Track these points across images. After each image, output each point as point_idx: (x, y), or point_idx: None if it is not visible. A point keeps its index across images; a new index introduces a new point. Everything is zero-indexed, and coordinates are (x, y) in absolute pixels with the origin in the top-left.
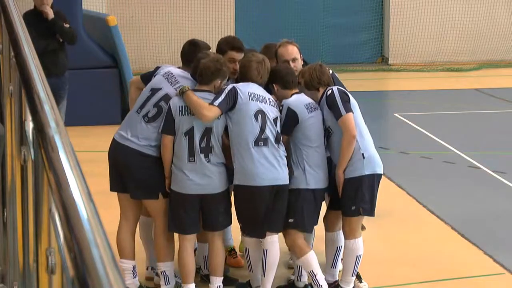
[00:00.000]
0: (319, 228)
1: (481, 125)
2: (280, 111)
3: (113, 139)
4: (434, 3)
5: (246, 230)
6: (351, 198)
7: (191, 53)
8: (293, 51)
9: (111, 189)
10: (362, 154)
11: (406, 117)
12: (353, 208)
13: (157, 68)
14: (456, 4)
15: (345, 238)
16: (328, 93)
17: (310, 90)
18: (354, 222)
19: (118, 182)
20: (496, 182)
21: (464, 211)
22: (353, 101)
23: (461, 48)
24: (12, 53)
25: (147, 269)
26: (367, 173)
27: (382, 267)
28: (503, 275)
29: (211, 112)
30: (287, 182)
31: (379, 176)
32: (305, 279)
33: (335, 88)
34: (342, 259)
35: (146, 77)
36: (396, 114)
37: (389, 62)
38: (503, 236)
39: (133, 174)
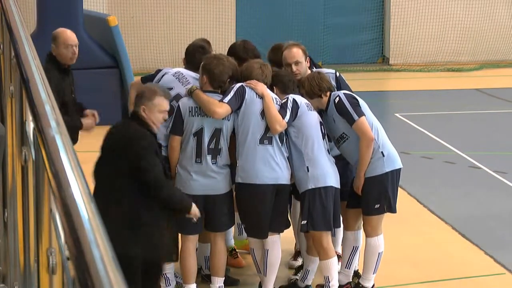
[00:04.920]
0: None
1: (481, 125)
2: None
3: None
4: (435, 3)
5: (248, 231)
6: (375, 197)
7: (196, 55)
8: (296, 55)
9: None
10: (382, 152)
11: (406, 117)
12: (377, 206)
13: (158, 71)
14: (456, 4)
15: (367, 236)
16: (336, 100)
17: (312, 98)
18: (376, 220)
19: None
20: (497, 182)
21: (465, 211)
22: (362, 102)
23: (461, 48)
24: (13, 53)
25: None
26: (387, 170)
27: (383, 267)
28: (504, 275)
29: (222, 108)
30: (288, 182)
31: (399, 171)
32: (309, 282)
33: (341, 94)
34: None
35: (147, 80)
36: (396, 114)
37: (389, 62)
38: (503, 236)
39: None
